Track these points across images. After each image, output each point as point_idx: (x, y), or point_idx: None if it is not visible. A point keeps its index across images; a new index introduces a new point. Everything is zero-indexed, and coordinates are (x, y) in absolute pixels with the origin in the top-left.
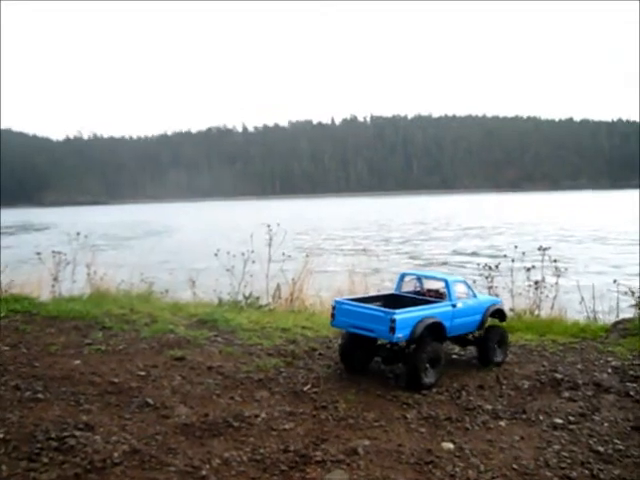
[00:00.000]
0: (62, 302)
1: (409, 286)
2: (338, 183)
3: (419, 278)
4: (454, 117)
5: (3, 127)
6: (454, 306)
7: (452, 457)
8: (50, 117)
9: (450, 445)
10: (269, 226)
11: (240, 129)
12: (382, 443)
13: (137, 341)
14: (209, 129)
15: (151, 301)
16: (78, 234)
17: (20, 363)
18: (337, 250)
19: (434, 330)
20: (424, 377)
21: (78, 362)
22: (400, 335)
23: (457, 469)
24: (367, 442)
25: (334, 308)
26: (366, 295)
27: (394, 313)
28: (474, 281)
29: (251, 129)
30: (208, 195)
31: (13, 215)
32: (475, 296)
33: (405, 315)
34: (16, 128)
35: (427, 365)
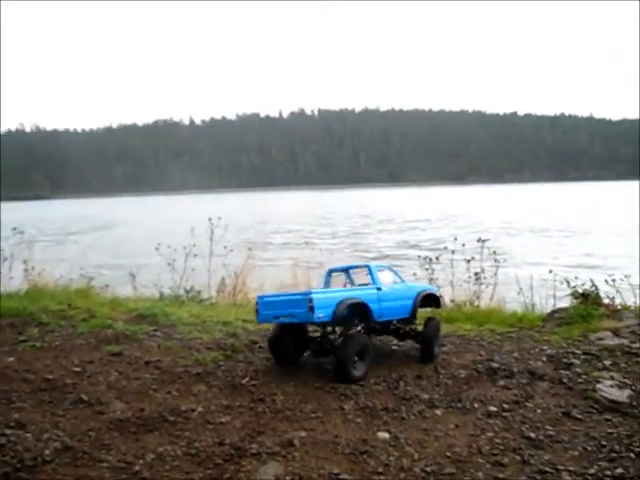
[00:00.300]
0: None
1: (338, 282)
2: (286, 176)
3: (347, 273)
4: (401, 111)
5: None
6: (379, 289)
7: (387, 447)
8: None
9: (386, 435)
10: (210, 220)
11: (187, 122)
12: (318, 434)
13: (74, 337)
14: (156, 122)
15: (90, 296)
16: (14, 229)
17: None
18: (282, 244)
19: (360, 313)
20: (353, 370)
21: (12, 359)
22: (320, 314)
23: (391, 458)
24: (303, 434)
25: (257, 304)
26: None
27: (311, 293)
28: (414, 274)
29: (198, 122)
30: (155, 189)
31: None
32: (403, 282)
33: (324, 295)
34: None
35: (355, 358)
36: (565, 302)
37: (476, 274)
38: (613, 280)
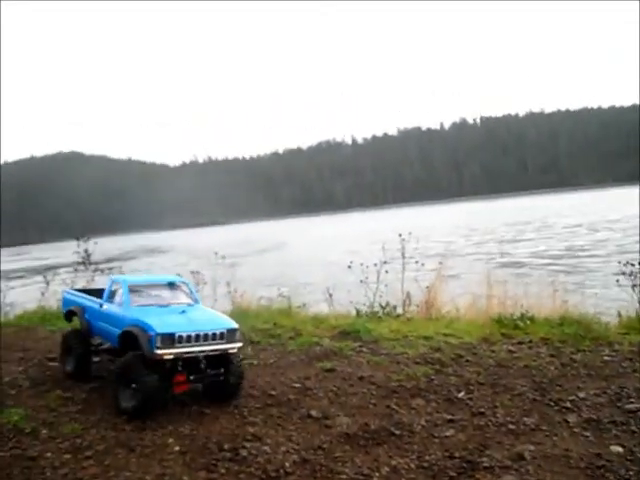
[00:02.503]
0: None
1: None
2: (451, 188)
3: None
4: (567, 111)
5: (123, 157)
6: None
7: (624, 461)
8: (164, 145)
9: (619, 449)
10: (400, 235)
11: (350, 141)
12: (547, 448)
13: (285, 354)
14: (319, 144)
15: (292, 315)
16: (216, 254)
17: None
18: (466, 255)
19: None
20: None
21: None
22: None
23: (631, 473)
24: (532, 447)
25: None
26: None
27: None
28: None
29: (360, 140)
30: (321, 209)
31: (133, 240)
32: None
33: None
34: (135, 157)
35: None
36: None
37: None
38: None
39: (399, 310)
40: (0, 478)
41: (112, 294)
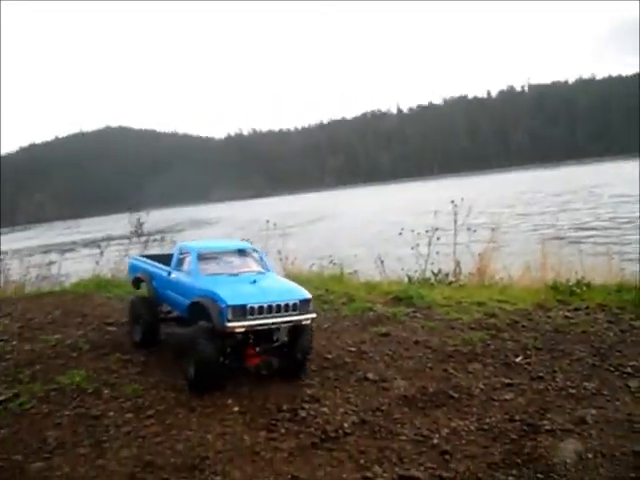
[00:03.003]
0: None
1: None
2: (498, 158)
3: None
4: (620, 77)
5: (168, 130)
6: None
7: None
8: (210, 118)
9: None
10: (453, 202)
11: (395, 111)
12: (610, 412)
13: (339, 319)
14: (364, 114)
15: (344, 281)
16: (267, 221)
17: None
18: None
19: None
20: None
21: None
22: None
23: None
24: (594, 411)
25: None
26: None
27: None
28: None
29: (405, 110)
30: (367, 180)
31: (180, 212)
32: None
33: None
34: (181, 130)
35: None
36: None
37: None
38: None
39: (451, 277)
40: (66, 435)
41: (180, 261)
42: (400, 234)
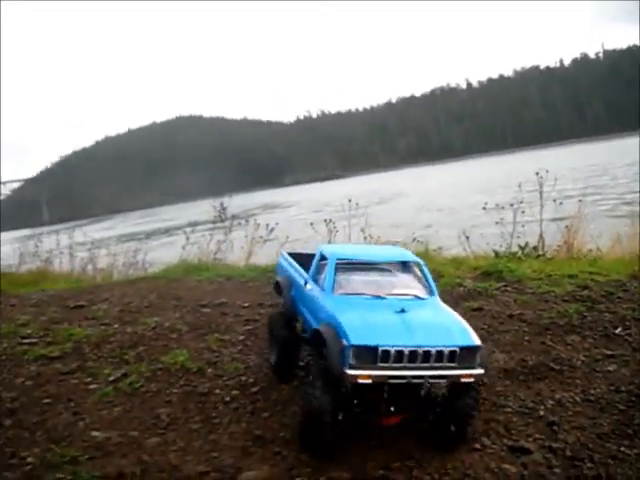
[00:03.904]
0: None
1: None
2: (573, 129)
3: None
4: None
5: (238, 117)
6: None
7: None
8: (276, 102)
9: None
10: (538, 174)
11: (464, 86)
12: None
13: None
14: (433, 90)
15: (430, 258)
16: (350, 201)
17: None
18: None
19: None
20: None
21: None
22: None
23: None
24: None
25: None
26: None
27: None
28: None
29: (475, 84)
30: (438, 157)
31: (254, 198)
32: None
33: None
34: (251, 116)
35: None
36: None
37: None
38: None
39: (539, 251)
40: (177, 412)
41: (319, 269)
42: (484, 208)
